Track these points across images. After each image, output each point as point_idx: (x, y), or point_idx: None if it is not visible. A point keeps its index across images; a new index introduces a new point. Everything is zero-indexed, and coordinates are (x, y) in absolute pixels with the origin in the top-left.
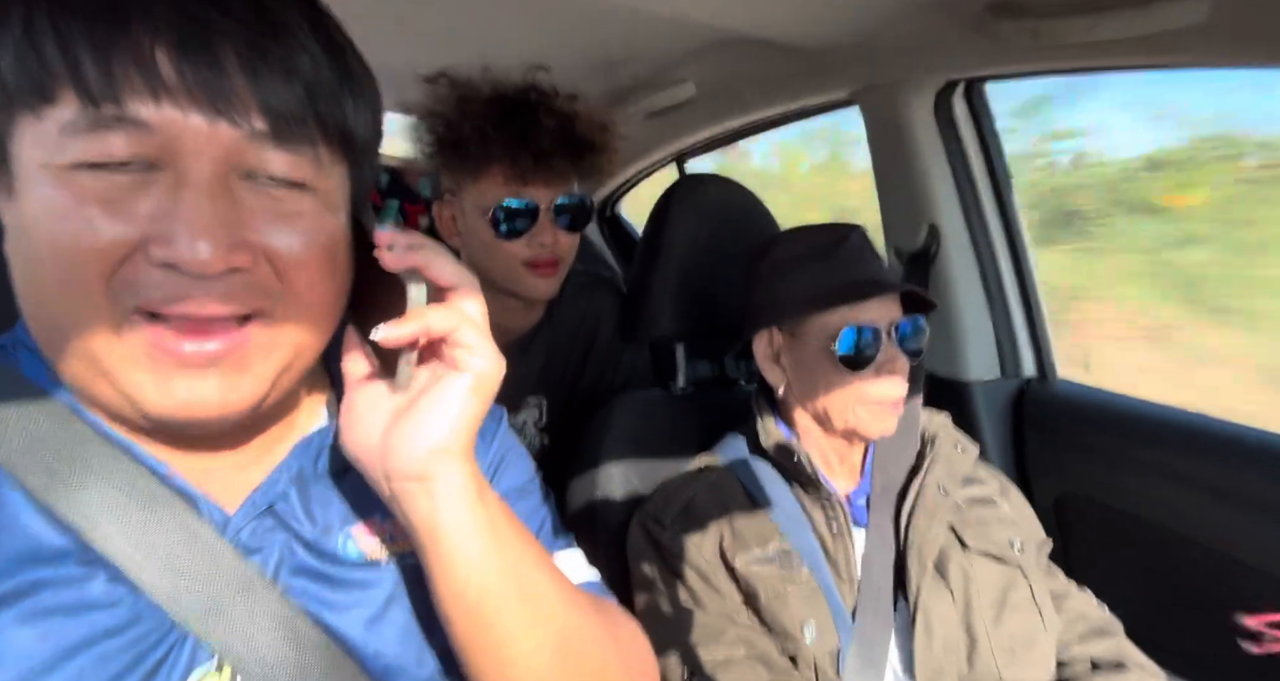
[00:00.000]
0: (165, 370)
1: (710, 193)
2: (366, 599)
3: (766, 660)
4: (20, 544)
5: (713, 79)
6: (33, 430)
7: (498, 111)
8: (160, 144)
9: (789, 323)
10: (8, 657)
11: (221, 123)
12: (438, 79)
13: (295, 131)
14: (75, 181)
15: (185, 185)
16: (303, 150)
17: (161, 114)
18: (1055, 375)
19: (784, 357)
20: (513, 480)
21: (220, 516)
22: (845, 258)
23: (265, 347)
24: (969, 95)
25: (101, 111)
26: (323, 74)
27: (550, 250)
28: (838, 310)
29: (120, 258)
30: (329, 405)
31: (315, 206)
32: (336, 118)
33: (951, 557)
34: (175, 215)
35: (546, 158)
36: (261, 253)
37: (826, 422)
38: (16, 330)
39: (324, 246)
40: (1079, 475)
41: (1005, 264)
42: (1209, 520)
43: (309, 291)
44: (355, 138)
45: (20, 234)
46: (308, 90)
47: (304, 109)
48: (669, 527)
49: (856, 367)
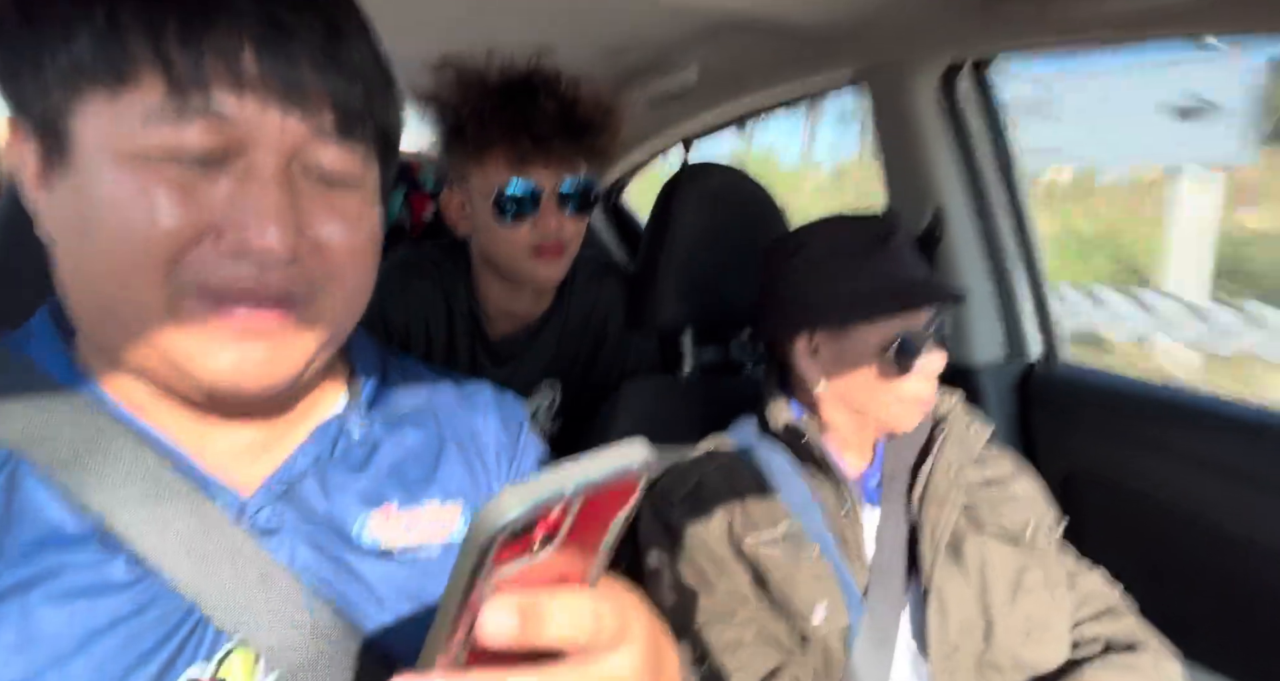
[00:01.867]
0: (218, 338)
1: (714, 180)
2: (380, 586)
3: (776, 641)
4: (41, 529)
5: (716, 63)
6: (50, 419)
7: (497, 95)
8: (235, 136)
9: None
10: (38, 639)
11: (294, 116)
12: (443, 66)
13: (356, 128)
14: (146, 167)
15: (254, 175)
16: (357, 147)
17: (243, 106)
18: (1061, 357)
19: (823, 355)
20: (529, 468)
21: (237, 500)
22: (892, 256)
23: (309, 326)
24: (975, 75)
25: (188, 101)
26: (376, 75)
27: (555, 235)
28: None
29: (186, 242)
30: (350, 392)
31: (361, 201)
32: (383, 115)
33: (967, 539)
34: (245, 204)
35: (546, 140)
36: (315, 244)
37: (859, 416)
38: (32, 322)
39: (365, 236)
40: (1086, 456)
41: (1011, 246)
42: (1217, 499)
43: (350, 278)
44: (392, 137)
45: (75, 216)
46: (366, 89)
47: (364, 105)
48: (678, 508)
49: (905, 370)
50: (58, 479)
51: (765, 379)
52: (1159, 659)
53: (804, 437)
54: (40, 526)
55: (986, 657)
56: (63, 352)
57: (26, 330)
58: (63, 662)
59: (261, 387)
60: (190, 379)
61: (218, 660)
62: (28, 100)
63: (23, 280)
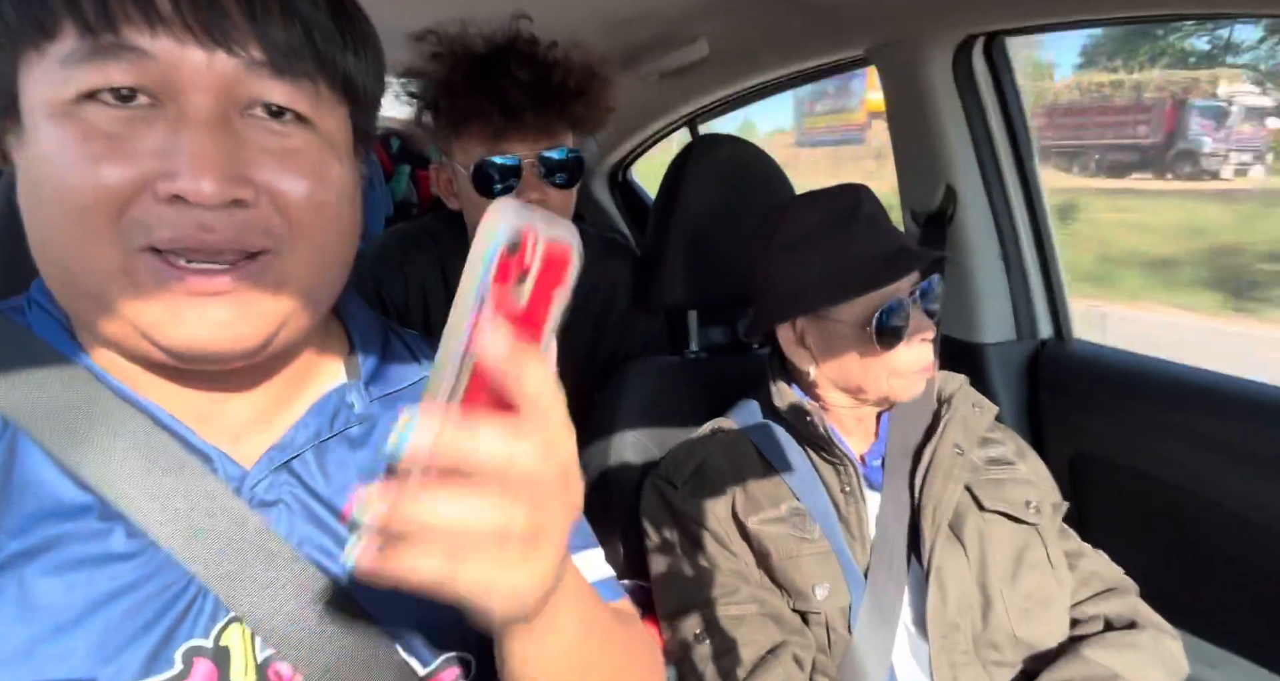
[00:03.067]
0: (176, 301)
1: (724, 155)
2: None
3: (778, 617)
4: (40, 500)
5: (726, 37)
6: (48, 390)
7: (468, 66)
8: (160, 74)
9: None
10: (38, 610)
11: (219, 53)
12: (425, 36)
13: (293, 64)
14: (79, 117)
15: (186, 120)
16: (301, 83)
17: (158, 43)
18: (1072, 335)
19: (810, 340)
20: None
21: (237, 472)
22: (862, 228)
23: (273, 285)
24: (989, 50)
25: (100, 41)
26: (320, 16)
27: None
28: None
29: (127, 197)
30: (348, 365)
31: (316, 144)
32: (335, 57)
33: (967, 518)
34: (178, 150)
35: (519, 110)
36: (265, 191)
37: (858, 394)
38: (31, 290)
39: (328, 188)
40: (1094, 436)
41: (1023, 224)
42: (1226, 480)
43: (316, 235)
44: (356, 82)
45: (29, 179)
46: (304, 29)
47: (301, 44)
48: (681, 488)
49: (892, 343)
50: (56, 450)
51: (769, 361)
52: (1158, 636)
53: (809, 417)
54: (39, 497)
55: (985, 636)
56: (60, 323)
57: (25, 299)
58: (64, 633)
59: (228, 350)
60: (155, 344)
61: (217, 630)
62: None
63: (26, 261)
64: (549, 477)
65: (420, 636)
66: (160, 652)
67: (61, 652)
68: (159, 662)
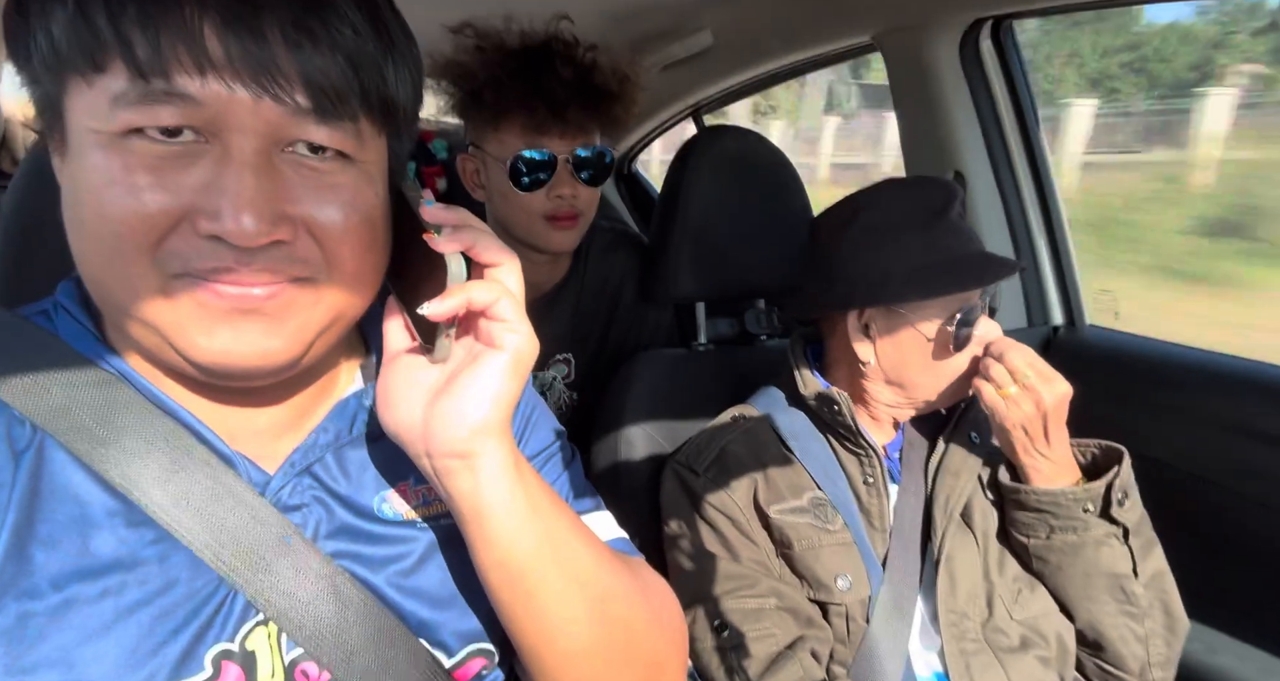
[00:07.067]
0: (211, 318)
1: (729, 146)
2: (402, 555)
3: (795, 611)
4: (70, 507)
5: (731, 26)
6: (75, 395)
7: (515, 61)
8: (207, 118)
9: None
10: (70, 617)
11: (265, 99)
12: (463, 29)
13: (338, 107)
14: (125, 148)
15: (230, 160)
16: (344, 125)
17: (207, 89)
18: (1084, 321)
19: (875, 331)
20: (540, 442)
21: (260, 477)
22: (950, 228)
23: (306, 307)
24: (996, 34)
25: (151, 85)
26: (365, 45)
27: (569, 203)
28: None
29: (166, 228)
30: (364, 369)
31: (356, 178)
32: (379, 88)
33: (975, 505)
34: (220, 189)
35: (563, 108)
36: (303, 225)
37: (902, 391)
38: (57, 294)
39: (364, 218)
40: (1108, 422)
41: (1033, 210)
42: (1241, 465)
43: (349, 261)
44: (397, 106)
45: (71, 198)
46: (350, 62)
47: (347, 82)
48: (703, 475)
49: (964, 345)
50: (83, 455)
51: (791, 349)
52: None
53: (836, 406)
54: (70, 505)
55: (992, 623)
56: (87, 326)
57: (51, 303)
58: (94, 641)
59: (258, 367)
60: (187, 358)
61: (245, 633)
62: (33, 82)
63: (47, 256)
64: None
65: (445, 629)
66: (189, 656)
67: (93, 658)
68: (189, 666)
